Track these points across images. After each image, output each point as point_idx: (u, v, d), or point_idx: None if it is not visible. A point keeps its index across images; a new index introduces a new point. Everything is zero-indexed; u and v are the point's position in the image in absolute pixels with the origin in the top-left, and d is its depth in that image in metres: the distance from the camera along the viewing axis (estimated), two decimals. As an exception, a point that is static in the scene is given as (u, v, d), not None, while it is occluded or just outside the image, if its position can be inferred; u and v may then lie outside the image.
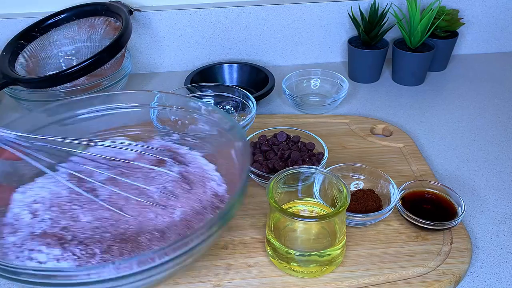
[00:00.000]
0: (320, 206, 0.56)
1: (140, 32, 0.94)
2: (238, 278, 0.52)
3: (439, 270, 0.52)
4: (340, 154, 0.71)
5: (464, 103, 0.87)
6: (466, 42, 1.03)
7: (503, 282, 0.52)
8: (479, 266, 0.55)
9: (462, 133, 0.78)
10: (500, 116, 0.83)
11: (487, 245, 0.57)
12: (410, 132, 0.78)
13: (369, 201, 0.59)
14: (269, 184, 0.51)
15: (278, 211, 0.48)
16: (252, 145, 0.67)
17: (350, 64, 0.96)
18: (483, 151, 0.74)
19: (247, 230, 0.58)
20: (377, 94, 0.91)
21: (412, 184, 0.61)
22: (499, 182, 0.67)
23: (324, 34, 0.99)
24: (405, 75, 0.93)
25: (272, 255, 0.52)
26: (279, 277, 0.52)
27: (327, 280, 0.52)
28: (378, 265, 0.53)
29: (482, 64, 1.01)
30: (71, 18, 0.86)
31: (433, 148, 0.75)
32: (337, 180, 0.52)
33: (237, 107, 0.78)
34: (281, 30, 0.97)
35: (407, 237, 0.57)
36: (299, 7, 0.95)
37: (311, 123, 0.79)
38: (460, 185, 0.66)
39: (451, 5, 0.98)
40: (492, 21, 1.01)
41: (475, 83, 0.94)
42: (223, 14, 0.94)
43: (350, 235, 0.57)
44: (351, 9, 0.94)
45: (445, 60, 0.98)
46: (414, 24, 0.88)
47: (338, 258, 0.52)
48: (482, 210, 0.62)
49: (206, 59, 0.99)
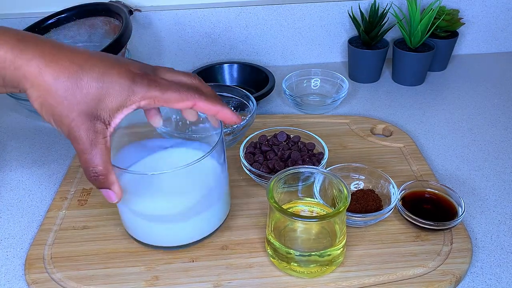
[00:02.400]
0: (320, 206, 0.56)
1: (140, 32, 0.94)
2: (238, 278, 0.52)
3: (439, 270, 0.52)
4: (340, 154, 0.71)
5: (464, 103, 0.87)
6: (466, 42, 1.03)
7: (503, 282, 0.52)
8: (479, 266, 0.55)
9: (462, 133, 0.78)
10: (500, 116, 0.83)
11: (487, 245, 0.57)
12: (410, 132, 0.78)
13: (369, 201, 0.59)
14: (269, 184, 0.51)
15: (278, 211, 0.48)
16: (253, 145, 0.67)
17: (350, 64, 0.96)
18: (483, 151, 0.74)
19: (247, 230, 0.58)
20: (377, 94, 0.91)
21: (412, 184, 0.61)
22: (499, 182, 0.67)
23: (324, 34, 0.99)
24: (405, 75, 0.93)
25: (272, 255, 0.52)
26: (279, 277, 0.52)
27: (328, 280, 0.51)
28: (378, 265, 0.53)
29: (482, 64, 1.01)
30: (71, 18, 0.86)
31: (433, 148, 0.75)
32: (337, 180, 0.52)
33: (237, 107, 0.78)
34: (281, 30, 0.97)
35: (407, 237, 0.56)
36: (299, 7, 0.95)
37: (311, 123, 0.79)
38: (460, 185, 0.66)
39: (451, 5, 0.98)
40: (492, 21, 1.01)
41: (475, 83, 0.94)
42: (223, 14, 0.94)
43: (350, 235, 0.57)
44: (351, 9, 0.94)
45: (445, 60, 0.98)
46: (414, 24, 0.88)
47: (339, 258, 0.52)
48: (482, 210, 0.62)
49: (206, 59, 0.99)
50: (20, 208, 0.64)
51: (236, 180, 0.66)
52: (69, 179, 0.67)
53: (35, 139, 0.79)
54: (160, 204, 0.52)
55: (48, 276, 0.52)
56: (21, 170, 0.71)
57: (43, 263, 0.54)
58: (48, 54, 0.41)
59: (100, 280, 0.52)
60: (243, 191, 0.64)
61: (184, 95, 0.44)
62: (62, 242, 0.57)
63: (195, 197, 0.52)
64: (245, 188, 0.65)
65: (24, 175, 0.70)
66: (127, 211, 0.53)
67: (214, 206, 0.55)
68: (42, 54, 0.40)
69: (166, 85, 0.44)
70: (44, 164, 0.72)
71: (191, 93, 0.45)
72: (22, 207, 0.64)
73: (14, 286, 0.53)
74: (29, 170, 0.71)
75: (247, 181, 0.66)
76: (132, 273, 0.53)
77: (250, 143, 0.68)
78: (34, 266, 0.54)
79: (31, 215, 0.62)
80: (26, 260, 0.55)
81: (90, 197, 0.64)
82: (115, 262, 0.54)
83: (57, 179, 0.69)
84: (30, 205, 0.64)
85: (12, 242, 0.58)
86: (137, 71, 0.43)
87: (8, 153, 0.75)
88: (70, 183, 0.66)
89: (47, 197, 0.65)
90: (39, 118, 0.83)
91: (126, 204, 0.52)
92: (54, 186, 0.67)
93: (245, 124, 0.69)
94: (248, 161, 0.64)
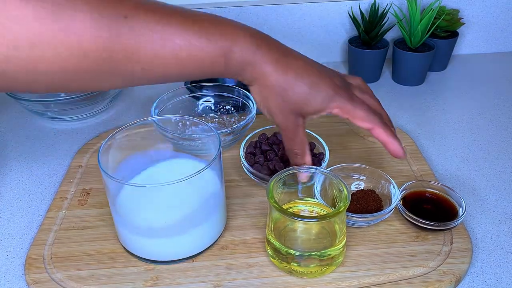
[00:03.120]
0: (321, 206, 0.56)
1: (140, 32, 0.94)
2: (238, 278, 0.52)
3: (439, 270, 0.52)
4: (341, 154, 0.71)
5: (464, 103, 0.87)
6: (466, 42, 1.03)
7: (503, 282, 0.52)
8: (479, 266, 0.55)
9: (462, 133, 0.78)
10: (500, 116, 0.83)
11: (487, 245, 0.57)
12: (410, 132, 0.78)
13: (370, 201, 0.59)
14: (269, 184, 0.51)
15: (278, 211, 0.48)
16: (253, 145, 0.67)
17: (350, 64, 0.95)
18: (483, 151, 0.74)
19: (247, 230, 0.58)
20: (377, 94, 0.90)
21: (413, 184, 0.61)
22: (499, 182, 0.67)
23: (324, 34, 0.99)
24: (405, 75, 0.93)
25: (272, 255, 0.52)
26: (279, 277, 0.52)
27: (328, 280, 0.51)
28: (378, 265, 0.53)
29: (482, 64, 1.01)
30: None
31: (433, 148, 0.75)
32: (337, 180, 0.52)
33: (237, 107, 0.78)
34: (281, 30, 0.97)
35: (407, 237, 0.56)
36: (299, 7, 0.95)
37: (312, 123, 0.78)
38: (460, 185, 0.66)
39: (451, 5, 0.97)
40: (492, 21, 1.01)
41: (475, 83, 0.94)
42: (223, 14, 0.93)
43: (350, 235, 0.57)
44: (351, 9, 0.94)
45: (445, 60, 0.98)
46: (414, 24, 0.88)
47: (339, 258, 0.52)
48: (483, 210, 0.62)
49: (206, 59, 0.98)
50: (20, 208, 0.64)
51: (235, 180, 0.66)
52: (69, 179, 0.67)
53: (35, 139, 0.79)
54: (159, 216, 0.51)
55: (48, 276, 0.52)
56: (21, 170, 0.71)
57: (43, 263, 0.54)
58: (277, 60, 0.49)
59: (100, 280, 0.52)
60: (243, 191, 0.64)
61: (369, 117, 0.52)
62: (62, 242, 0.57)
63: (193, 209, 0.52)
64: (245, 188, 0.65)
65: (24, 175, 0.70)
66: (126, 226, 0.53)
67: (212, 218, 0.54)
68: (273, 60, 0.49)
69: (359, 102, 0.53)
70: (44, 164, 0.72)
71: (376, 118, 0.53)
72: (22, 207, 0.64)
73: (14, 286, 0.53)
74: (29, 170, 0.71)
75: (247, 181, 0.66)
76: (132, 273, 0.53)
77: (250, 142, 0.68)
78: (34, 266, 0.53)
79: (31, 215, 0.62)
80: (26, 260, 0.55)
81: (90, 197, 0.64)
82: (115, 262, 0.54)
83: (57, 179, 0.69)
84: (30, 205, 0.64)
85: (12, 242, 0.58)
86: (339, 84, 0.53)
87: (8, 153, 0.75)
88: (70, 183, 0.66)
89: (47, 197, 0.65)
90: (39, 118, 0.83)
91: (125, 217, 0.52)
92: (54, 186, 0.67)
93: (245, 124, 0.69)
94: (248, 162, 0.64)
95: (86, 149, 0.74)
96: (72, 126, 0.81)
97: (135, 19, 0.40)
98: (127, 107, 0.87)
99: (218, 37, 0.45)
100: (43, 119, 0.83)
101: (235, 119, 0.78)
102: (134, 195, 0.51)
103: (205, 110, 0.80)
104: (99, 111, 0.84)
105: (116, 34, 0.39)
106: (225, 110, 0.79)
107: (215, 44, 0.45)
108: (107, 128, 0.81)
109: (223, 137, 0.68)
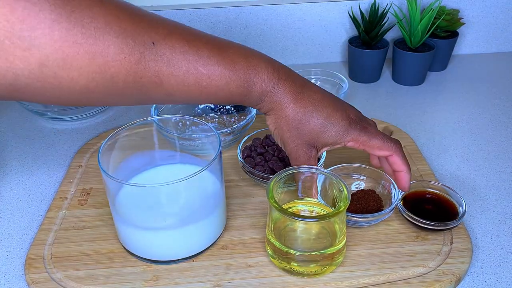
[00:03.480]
0: (321, 206, 0.56)
1: (140, 32, 0.94)
2: (238, 278, 0.52)
3: (439, 270, 0.52)
4: (341, 154, 0.71)
5: (464, 103, 0.87)
6: (466, 42, 1.03)
7: (503, 282, 0.52)
8: (479, 266, 0.55)
9: (462, 133, 0.78)
10: (500, 116, 0.83)
11: (487, 245, 0.57)
12: (410, 132, 0.78)
13: (370, 201, 0.59)
14: (269, 184, 0.51)
15: (278, 211, 0.48)
16: (248, 148, 0.67)
17: (350, 64, 0.96)
18: (483, 151, 0.74)
19: (247, 230, 0.58)
20: (377, 94, 0.91)
21: (413, 184, 0.61)
22: (499, 182, 0.67)
23: (324, 34, 0.99)
24: (405, 75, 0.93)
25: (272, 255, 0.52)
26: (279, 277, 0.52)
27: (327, 280, 0.51)
28: (378, 265, 0.53)
29: (482, 64, 1.01)
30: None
31: (433, 148, 0.75)
32: (337, 180, 0.52)
33: (237, 107, 0.78)
34: (281, 30, 0.97)
35: (407, 237, 0.56)
36: (299, 7, 0.95)
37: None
38: (460, 185, 0.66)
39: (451, 5, 0.98)
40: (492, 21, 1.01)
41: (475, 83, 0.94)
42: (223, 14, 0.94)
43: (350, 235, 0.57)
44: (351, 9, 0.94)
45: (445, 60, 0.98)
46: (414, 24, 0.88)
47: (338, 258, 0.52)
48: (483, 210, 0.62)
49: (206, 59, 0.98)
50: (20, 208, 0.64)
51: (235, 180, 0.66)
52: (69, 179, 0.67)
53: (35, 139, 0.79)
54: (159, 216, 0.51)
55: (48, 276, 0.52)
56: (21, 170, 0.71)
57: (43, 263, 0.54)
58: (295, 93, 0.50)
59: (100, 280, 0.52)
60: (243, 191, 0.64)
61: (386, 144, 0.53)
62: (62, 242, 0.57)
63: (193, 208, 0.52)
64: (245, 188, 0.65)
65: (24, 175, 0.70)
66: (126, 226, 0.53)
67: (212, 218, 0.54)
68: (291, 93, 0.50)
69: (374, 133, 0.54)
70: (44, 164, 0.72)
71: (394, 145, 0.54)
72: (22, 207, 0.64)
73: (14, 286, 0.53)
74: (29, 170, 0.71)
75: (247, 181, 0.66)
76: (132, 273, 0.53)
77: (245, 147, 0.67)
78: (34, 266, 0.53)
79: (31, 215, 0.62)
80: (26, 260, 0.55)
81: (90, 197, 0.64)
82: (115, 262, 0.54)
83: (57, 179, 0.69)
84: (30, 205, 0.64)
85: (12, 242, 0.58)
86: (353, 117, 0.54)
87: (8, 153, 0.75)
88: (70, 183, 0.66)
89: (47, 197, 0.65)
90: (39, 118, 0.83)
91: (125, 217, 0.52)
92: (54, 186, 0.67)
93: (245, 124, 0.69)
94: (249, 164, 0.64)
95: (86, 149, 0.74)
96: (72, 126, 0.81)
97: (163, 45, 0.41)
98: (127, 107, 0.87)
99: (242, 68, 0.46)
100: (43, 119, 0.83)
101: (235, 119, 0.78)
102: (134, 195, 0.51)
103: (205, 110, 0.80)
104: (99, 111, 0.84)
105: (144, 60, 0.40)
106: (225, 110, 0.79)
107: (238, 75, 0.46)
108: (107, 128, 0.81)
109: (223, 137, 0.68)
